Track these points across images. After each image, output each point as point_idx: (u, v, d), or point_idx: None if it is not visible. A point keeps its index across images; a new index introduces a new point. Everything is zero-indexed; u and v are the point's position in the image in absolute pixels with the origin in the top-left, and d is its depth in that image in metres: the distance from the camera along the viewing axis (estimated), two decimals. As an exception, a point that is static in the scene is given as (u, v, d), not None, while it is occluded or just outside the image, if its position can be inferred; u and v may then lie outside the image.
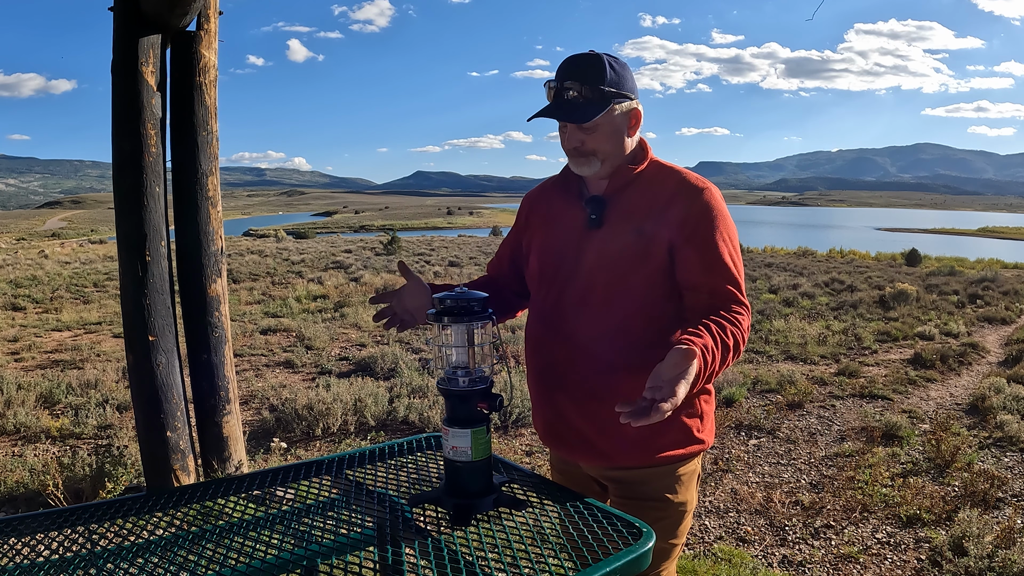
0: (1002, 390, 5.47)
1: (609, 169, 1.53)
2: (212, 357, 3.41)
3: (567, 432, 1.59)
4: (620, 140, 1.51)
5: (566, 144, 1.51)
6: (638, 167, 1.54)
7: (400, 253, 22.27)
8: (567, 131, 1.50)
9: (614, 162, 1.52)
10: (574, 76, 1.45)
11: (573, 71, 1.45)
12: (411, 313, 1.58)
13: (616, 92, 1.46)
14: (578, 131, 1.48)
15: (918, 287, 12.55)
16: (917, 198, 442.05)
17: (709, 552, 3.13)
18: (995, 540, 3.04)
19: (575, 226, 1.57)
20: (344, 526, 1.38)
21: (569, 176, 1.63)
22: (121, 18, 3.05)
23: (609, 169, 1.53)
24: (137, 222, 3.06)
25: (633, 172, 1.53)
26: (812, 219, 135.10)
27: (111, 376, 5.96)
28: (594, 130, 1.48)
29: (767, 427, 4.89)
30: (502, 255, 1.80)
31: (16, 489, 3.55)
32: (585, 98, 1.44)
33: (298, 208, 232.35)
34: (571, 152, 1.52)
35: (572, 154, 1.52)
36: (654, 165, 1.56)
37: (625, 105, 1.49)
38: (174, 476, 3.17)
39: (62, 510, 1.47)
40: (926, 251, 25.01)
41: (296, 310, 10.20)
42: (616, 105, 1.47)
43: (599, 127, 1.48)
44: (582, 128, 1.48)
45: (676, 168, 1.55)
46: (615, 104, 1.46)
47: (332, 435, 4.67)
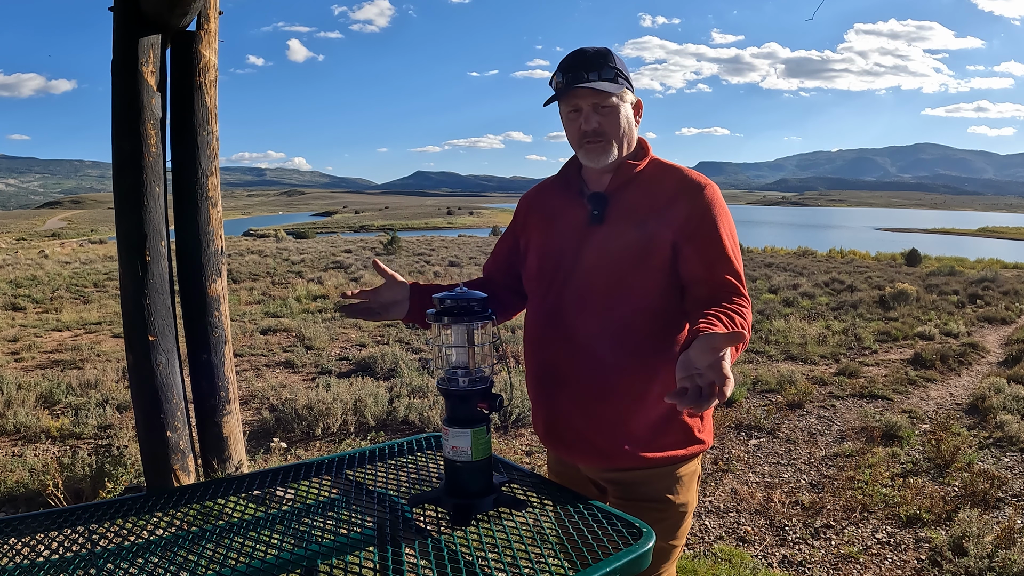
0: (1002, 390, 5.47)
1: (617, 160, 1.54)
2: (212, 357, 3.41)
3: (567, 432, 1.58)
4: (630, 128, 1.54)
5: (583, 127, 1.50)
6: (639, 165, 1.55)
7: (400, 253, 22.26)
8: (583, 114, 1.50)
9: (622, 152, 1.54)
10: (590, 60, 1.48)
11: (587, 57, 1.48)
12: (384, 306, 1.60)
13: (626, 78, 1.51)
14: (595, 113, 1.49)
15: (918, 287, 12.55)
16: (917, 198, 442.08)
17: (709, 552, 3.13)
18: (995, 540, 3.04)
19: (576, 223, 1.57)
20: (344, 526, 1.38)
21: (569, 174, 1.63)
22: (121, 18, 3.05)
23: (617, 160, 1.54)
24: (137, 222, 3.06)
25: (634, 169, 1.54)
26: (812, 219, 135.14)
27: (111, 376, 5.96)
28: (610, 112, 1.50)
29: (767, 427, 4.89)
30: (498, 255, 1.79)
31: (16, 489, 3.55)
32: (604, 79, 1.47)
33: (298, 208, 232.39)
34: (587, 135, 1.50)
35: (588, 139, 1.51)
36: (654, 163, 1.57)
37: (631, 95, 1.54)
38: (174, 476, 3.17)
39: (62, 510, 1.47)
40: (926, 251, 25.01)
41: (296, 310, 10.21)
42: (627, 91, 1.51)
43: (615, 110, 1.50)
44: (599, 110, 1.49)
45: (676, 166, 1.56)
46: (626, 88, 1.51)
47: (332, 435, 4.67)
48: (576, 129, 1.52)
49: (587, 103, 1.49)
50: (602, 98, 1.48)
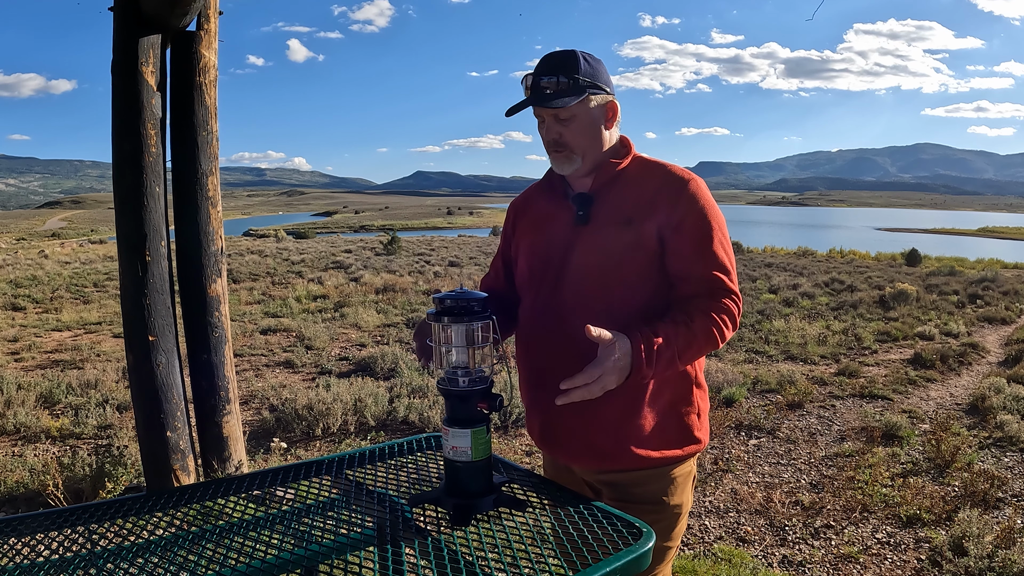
0: (1002, 390, 5.47)
1: (590, 165, 1.54)
2: (212, 357, 3.41)
3: (562, 433, 1.58)
4: (597, 133, 1.53)
5: (545, 137, 1.53)
6: (621, 163, 1.55)
7: (400, 253, 22.26)
8: (545, 124, 1.52)
9: (594, 157, 1.54)
10: (549, 69, 1.47)
11: (548, 64, 1.48)
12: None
13: (590, 83, 1.48)
14: (556, 123, 1.50)
15: (918, 287, 12.55)
16: (917, 198, 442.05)
17: (709, 552, 3.13)
18: (995, 540, 3.04)
19: (562, 225, 1.57)
20: (344, 526, 1.38)
21: (553, 177, 1.63)
22: (121, 18, 3.05)
23: (590, 165, 1.54)
24: (137, 222, 3.06)
25: (616, 168, 1.54)
26: (812, 219, 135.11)
27: (111, 376, 5.96)
28: (571, 122, 1.49)
29: (767, 427, 4.89)
30: (497, 266, 1.80)
31: (16, 489, 3.55)
32: (560, 89, 1.46)
33: (298, 208, 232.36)
34: (550, 146, 1.53)
35: (551, 148, 1.53)
36: (637, 161, 1.57)
37: (600, 97, 1.51)
38: (174, 476, 3.17)
39: (62, 510, 1.47)
40: (926, 251, 25.01)
41: (296, 310, 10.20)
42: (591, 96, 1.49)
43: (576, 119, 1.49)
44: (559, 120, 1.49)
45: (660, 162, 1.56)
46: (590, 95, 1.48)
47: (332, 435, 4.67)
48: (543, 135, 1.54)
49: (547, 113, 1.50)
50: (559, 110, 1.48)
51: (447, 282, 13.76)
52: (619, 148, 1.58)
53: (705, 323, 1.42)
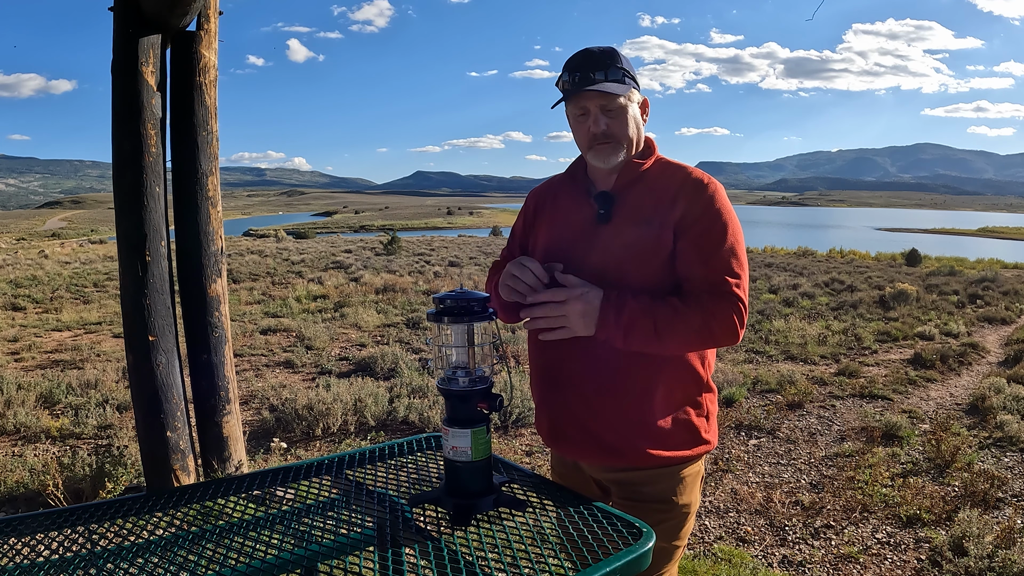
0: (1002, 390, 5.47)
1: (626, 159, 1.54)
2: (212, 357, 3.41)
3: (573, 430, 1.57)
4: (638, 128, 1.54)
5: (592, 129, 1.50)
6: (644, 164, 1.55)
7: (400, 253, 22.26)
8: (591, 117, 1.50)
9: (631, 152, 1.54)
10: (597, 61, 1.47)
11: (594, 57, 1.48)
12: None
13: (633, 77, 1.51)
14: (603, 115, 1.49)
15: (918, 287, 12.55)
16: (917, 198, 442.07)
17: (709, 552, 3.13)
18: (995, 540, 3.04)
19: (583, 222, 1.56)
20: (344, 526, 1.38)
21: (576, 173, 1.63)
22: (121, 18, 3.05)
23: (626, 159, 1.54)
24: (137, 222, 3.06)
25: (640, 168, 1.54)
26: (812, 219, 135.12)
27: (111, 376, 5.96)
28: (618, 113, 1.50)
29: (767, 427, 4.89)
30: (513, 251, 1.77)
31: (16, 489, 3.55)
32: (611, 80, 1.47)
33: (298, 208, 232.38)
34: (596, 138, 1.51)
35: (597, 140, 1.51)
36: (660, 162, 1.57)
37: (638, 93, 1.53)
38: (174, 476, 3.17)
39: (62, 510, 1.47)
40: (926, 251, 25.01)
41: (296, 310, 10.20)
42: (634, 90, 1.51)
43: (623, 111, 1.50)
44: (606, 111, 1.49)
45: (682, 165, 1.56)
46: (633, 88, 1.50)
47: (332, 435, 4.67)
48: (585, 131, 1.52)
49: (594, 105, 1.49)
50: (609, 100, 1.48)
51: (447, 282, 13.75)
52: (644, 148, 1.58)
53: (697, 312, 1.41)
